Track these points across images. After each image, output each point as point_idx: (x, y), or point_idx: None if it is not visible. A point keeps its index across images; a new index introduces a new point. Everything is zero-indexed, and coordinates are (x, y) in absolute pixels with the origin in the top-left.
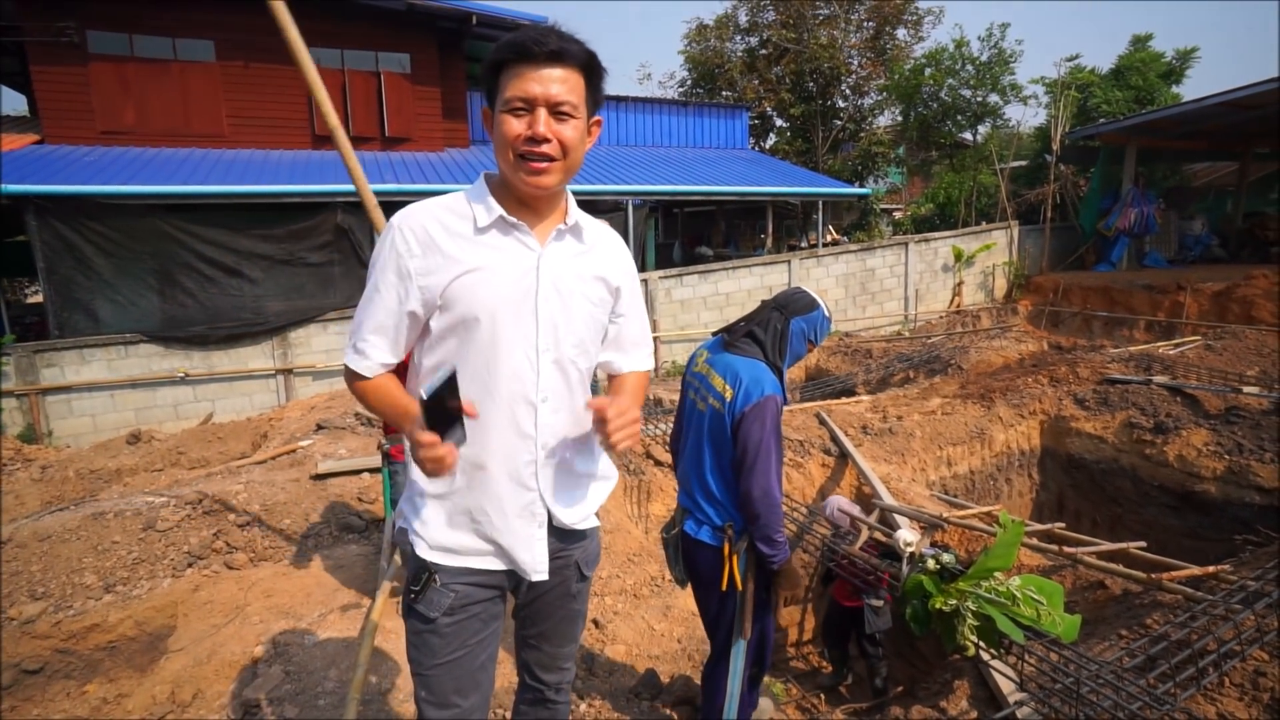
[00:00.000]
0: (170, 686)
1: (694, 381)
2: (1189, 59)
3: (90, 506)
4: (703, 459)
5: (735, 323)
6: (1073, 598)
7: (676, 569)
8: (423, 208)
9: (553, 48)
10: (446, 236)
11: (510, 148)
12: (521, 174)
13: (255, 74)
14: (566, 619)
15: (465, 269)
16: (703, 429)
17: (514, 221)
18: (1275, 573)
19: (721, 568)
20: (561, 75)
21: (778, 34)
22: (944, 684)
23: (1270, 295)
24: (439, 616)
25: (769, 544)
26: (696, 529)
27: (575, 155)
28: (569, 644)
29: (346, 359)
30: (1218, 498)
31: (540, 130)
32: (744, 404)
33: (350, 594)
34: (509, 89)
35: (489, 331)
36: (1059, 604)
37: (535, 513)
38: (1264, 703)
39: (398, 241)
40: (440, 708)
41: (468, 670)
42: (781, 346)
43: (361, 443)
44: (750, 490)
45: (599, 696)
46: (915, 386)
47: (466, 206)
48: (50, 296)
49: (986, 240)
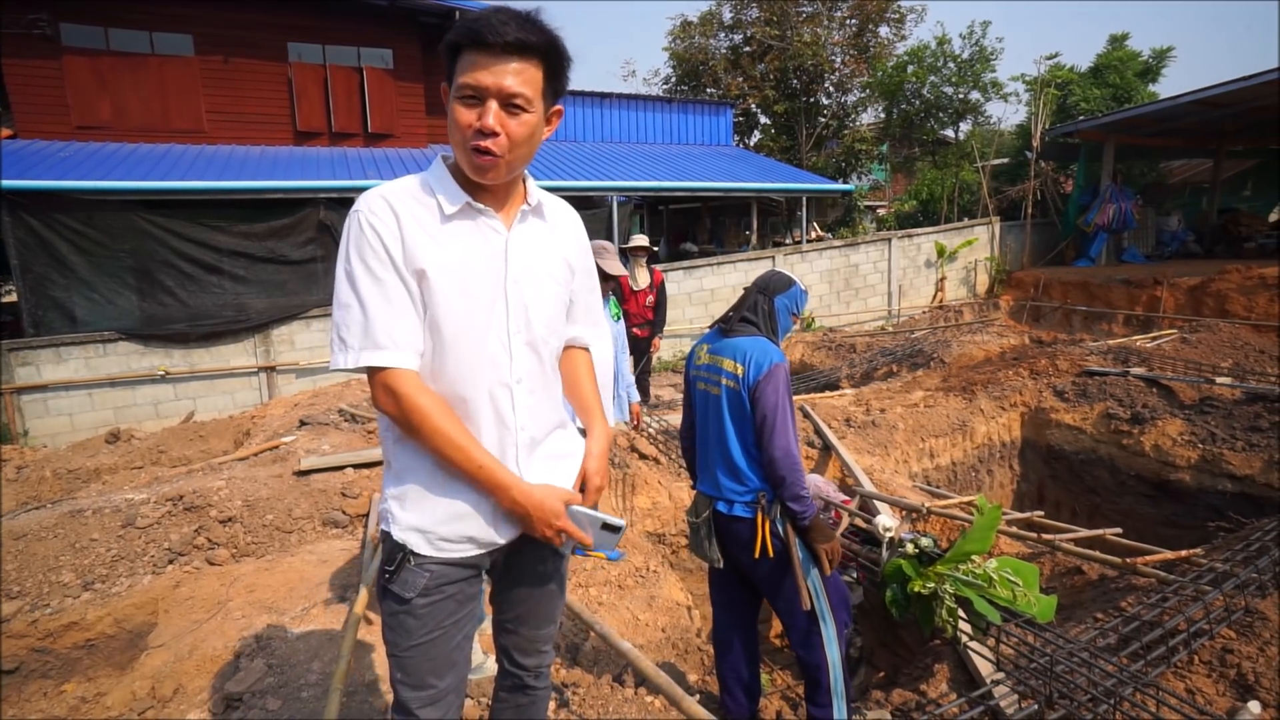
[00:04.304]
0: (150, 683)
1: (700, 373)
2: (1165, 58)
3: (68, 505)
4: (727, 439)
5: (726, 314)
6: (1051, 584)
7: (711, 550)
8: (386, 196)
9: (510, 38)
10: (416, 227)
11: (461, 137)
12: (469, 164)
13: (235, 69)
14: (543, 600)
15: (437, 259)
16: (722, 411)
17: (480, 207)
18: (1244, 555)
19: (765, 538)
20: (517, 67)
21: (761, 31)
22: (924, 668)
23: (1243, 289)
24: (414, 597)
25: (797, 501)
26: (729, 508)
27: (525, 149)
28: (547, 625)
29: (370, 360)
30: (1192, 486)
31: (489, 123)
32: (756, 374)
33: (334, 588)
34: (462, 75)
35: (466, 320)
36: (1034, 585)
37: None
38: (1230, 679)
39: (380, 229)
40: (416, 689)
41: (444, 651)
42: (772, 323)
43: (345, 438)
44: (773, 453)
45: (582, 685)
46: (898, 380)
47: (428, 194)
48: (24, 295)
49: (969, 236)
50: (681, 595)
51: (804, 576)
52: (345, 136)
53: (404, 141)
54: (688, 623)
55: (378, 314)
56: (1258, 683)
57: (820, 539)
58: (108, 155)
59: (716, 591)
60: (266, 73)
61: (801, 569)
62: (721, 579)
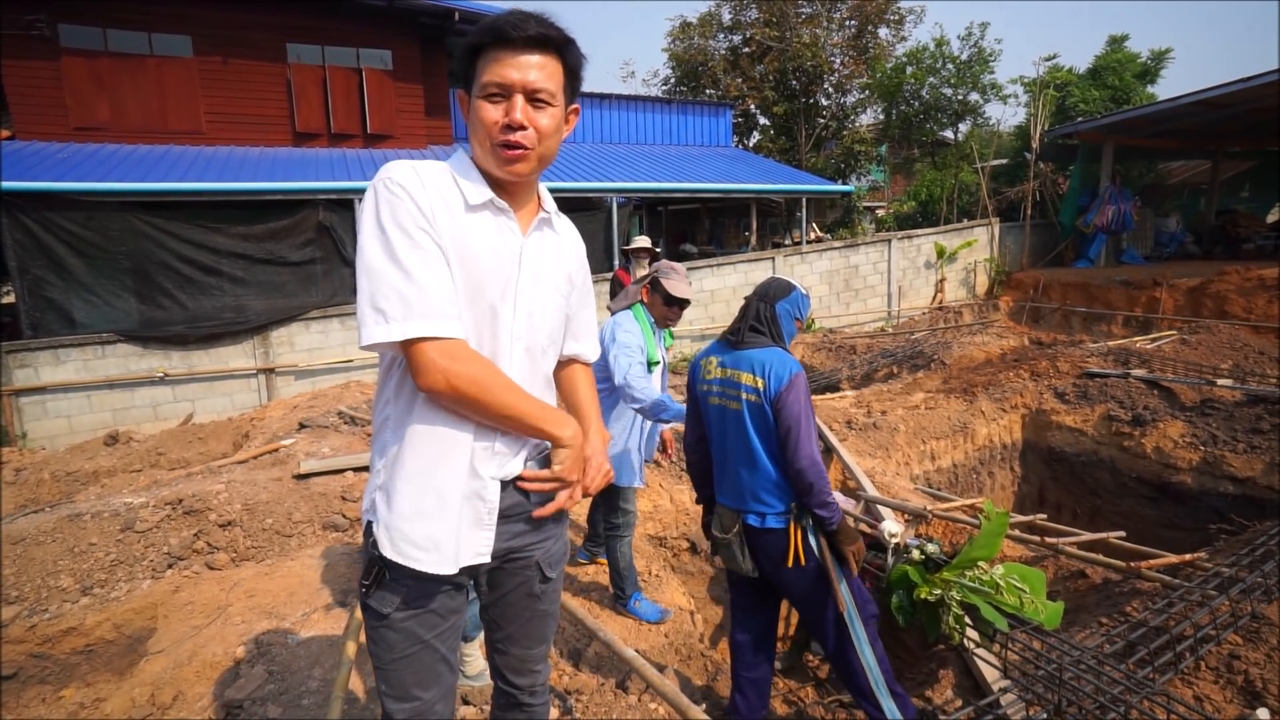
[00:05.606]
0: (150, 689)
1: (713, 387)
2: (1163, 59)
3: (66, 508)
4: (755, 453)
5: (733, 325)
6: (1054, 587)
7: (746, 562)
8: (416, 168)
9: (532, 33)
10: (443, 206)
11: (487, 135)
12: (497, 161)
13: (234, 70)
14: (533, 620)
15: (459, 246)
16: (745, 426)
17: (503, 206)
18: (1248, 560)
19: (798, 548)
20: (540, 62)
21: (761, 32)
22: (929, 674)
23: (1241, 290)
24: (392, 612)
25: (824, 507)
26: (761, 520)
27: (551, 144)
28: (538, 645)
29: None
30: (1193, 488)
31: (517, 118)
32: (778, 386)
33: (334, 592)
34: (486, 74)
35: (475, 313)
36: (1041, 591)
37: (485, 497)
38: (1238, 685)
39: (414, 194)
40: (401, 700)
41: (426, 664)
42: (777, 330)
43: (345, 441)
44: (800, 463)
45: (585, 692)
46: (899, 382)
47: (453, 181)
48: (22, 296)
49: (968, 237)
50: (684, 599)
51: (838, 582)
52: (344, 137)
53: (403, 142)
54: (690, 627)
55: (422, 278)
56: (1265, 689)
57: (847, 541)
58: (106, 156)
59: (739, 594)
60: (265, 73)
61: (835, 575)
62: (745, 583)
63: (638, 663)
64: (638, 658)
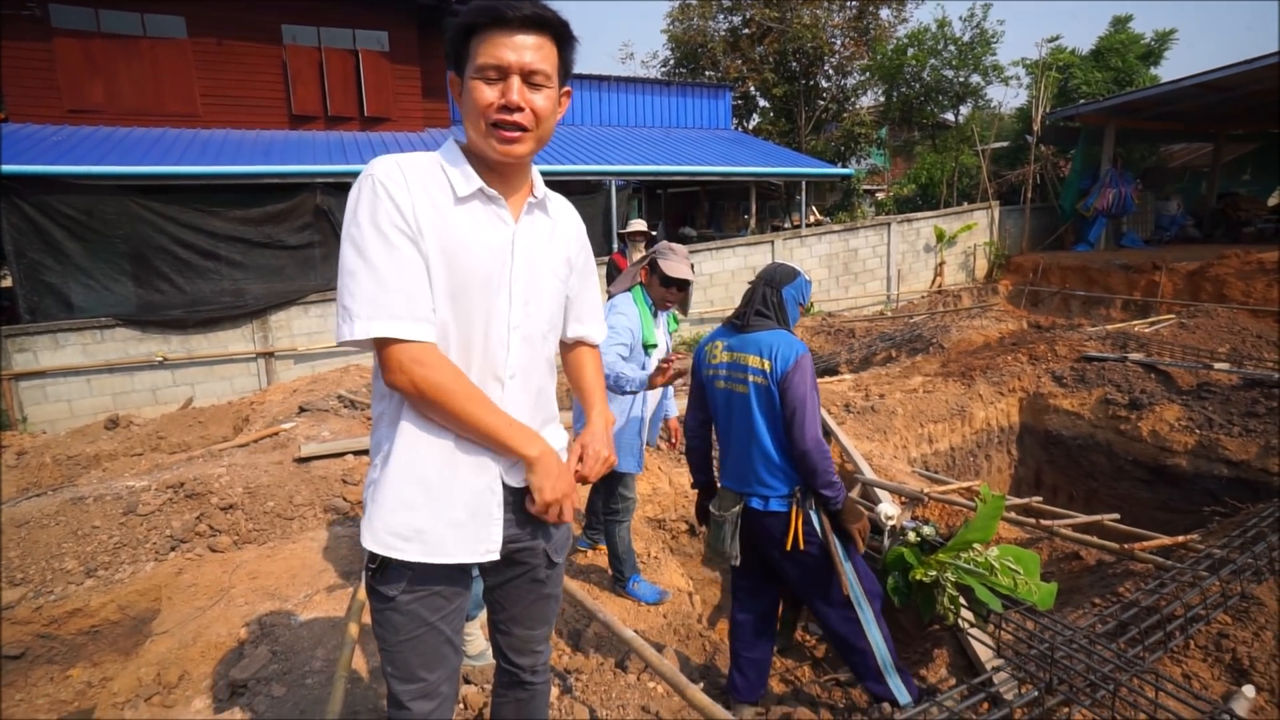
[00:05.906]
0: (156, 669)
1: (720, 371)
2: (1167, 41)
3: (69, 492)
4: (759, 435)
5: (739, 309)
6: (1049, 569)
7: (733, 547)
8: (401, 164)
9: (528, 14)
10: (428, 202)
11: (482, 116)
12: (493, 142)
13: (229, 51)
14: (537, 603)
15: (444, 240)
16: (751, 408)
17: (493, 194)
18: (1240, 541)
19: (798, 531)
20: (535, 42)
21: (761, 13)
22: (924, 653)
23: (1241, 274)
24: (398, 594)
25: (829, 488)
26: (764, 504)
27: (547, 125)
28: (540, 627)
29: (381, 331)
30: (1188, 471)
31: (514, 98)
32: (784, 366)
33: (336, 574)
34: (481, 55)
35: (465, 307)
36: (1035, 573)
37: (495, 490)
38: (1226, 663)
39: (394, 192)
40: (406, 681)
41: (432, 646)
42: (783, 315)
43: (344, 424)
44: (805, 445)
45: (585, 671)
46: (897, 365)
47: (441, 172)
48: (19, 280)
49: (968, 220)
50: (682, 581)
51: (842, 563)
52: (341, 120)
53: (400, 125)
54: (689, 608)
55: (391, 280)
56: (1252, 667)
57: (852, 519)
58: (101, 139)
59: (740, 577)
60: (261, 55)
61: (839, 556)
62: (747, 565)
63: (637, 643)
64: (637, 638)
